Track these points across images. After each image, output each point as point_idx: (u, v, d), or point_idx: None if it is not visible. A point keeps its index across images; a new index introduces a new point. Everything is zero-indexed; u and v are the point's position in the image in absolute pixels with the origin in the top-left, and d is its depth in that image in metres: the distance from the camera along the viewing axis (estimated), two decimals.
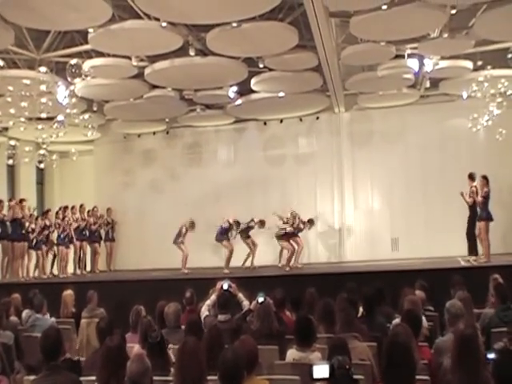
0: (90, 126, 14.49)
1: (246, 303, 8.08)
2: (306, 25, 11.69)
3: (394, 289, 8.65)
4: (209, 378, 4.78)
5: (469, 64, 14.12)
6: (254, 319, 7.40)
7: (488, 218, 13.68)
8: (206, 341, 5.51)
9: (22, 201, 16.27)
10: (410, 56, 13.77)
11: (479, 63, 14.03)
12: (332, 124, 18.26)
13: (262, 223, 16.29)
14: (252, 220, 16.27)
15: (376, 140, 17.82)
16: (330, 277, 12.80)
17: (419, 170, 17.03)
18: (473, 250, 13.99)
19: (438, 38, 12.42)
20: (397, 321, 6.86)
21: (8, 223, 15.36)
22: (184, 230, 16.14)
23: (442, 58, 13.95)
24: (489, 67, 14.06)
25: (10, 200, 16.31)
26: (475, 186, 13.82)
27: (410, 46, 13.35)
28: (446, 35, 12.20)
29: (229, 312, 7.64)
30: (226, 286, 8.06)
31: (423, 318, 6.88)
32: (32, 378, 5.59)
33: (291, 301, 8.60)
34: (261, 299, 7.49)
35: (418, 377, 4.68)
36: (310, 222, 16.04)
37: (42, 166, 14.99)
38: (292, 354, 6.16)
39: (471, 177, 13.97)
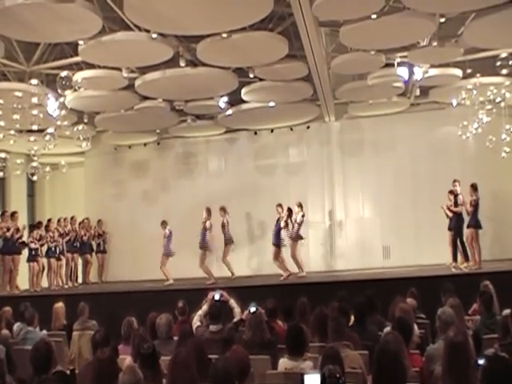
0: (82, 138, 14.51)
1: (237, 310, 8.09)
2: (296, 34, 11.72)
3: (386, 297, 8.65)
4: None
5: (458, 72, 14.18)
6: (245, 329, 7.40)
7: (477, 225, 13.78)
8: (190, 352, 5.50)
9: (14, 213, 16.22)
10: (399, 64, 13.82)
11: (468, 71, 14.08)
12: (322, 133, 18.31)
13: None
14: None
15: (366, 148, 17.87)
16: (321, 286, 12.82)
17: (409, 178, 17.10)
18: (455, 256, 14.21)
19: (427, 47, 12.48)
20: (388, 329, 6.87)
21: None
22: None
23: (432, 66, 14.02)
24: (478, 75, 14.12)
25: (3, 214, 16.22)
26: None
27: (400, 55, 13.41)
28: (435, 43, 12.26)
29: (220, 322, 7.65)
30: (217, 297, 8.07)
31: (415, 326, 6.90)
32: None
33: (283, 310, 8.60)
34: (252, 309, 7.51)
35: None
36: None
37: (34, 178, 14.92)
38: (284, 362, 6.16)
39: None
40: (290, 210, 15.63)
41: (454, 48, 12.74)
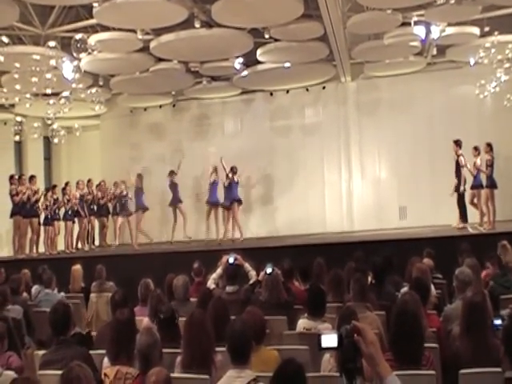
0: (96, 101, 14.50)
1: (252, 273, 8.12)
2: None
3: (402, 257, 8.67)
4: (217, 349, 4.82)
5: (476, 30, 13.96)
6: (262, 290, 7.44)
7: (493, 185, 13.73)
8: (210, 312, 5.55)
9: (31, 177, 16.32)
10: (416, 23, 13.61)
11: (486, 29, 13.86)
12: (338, 93, 18.15)
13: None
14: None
15: (383, 109, 17.71)
16: (337, 246, 12.82)
17: (426, 137, 16.95)
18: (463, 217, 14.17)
19: (444, 5, 12.25)
20: (405, 289, 6.89)
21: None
22: None
23: (449, 25, 13.78)
24: (496, 33, 13.87)
25: (20, 177, 16.28)
26: (462, 154, 13.93)
27: (417, 14, 13.20)
28: (452, 1, 12.04)
29: (237, 283, 7.69)
30: (231, 260, 8.08)
31: (431, 286, 6.91)
32: (42, 352, 5.67)
33: (299, 271, 8.64)
34: (269, 270, 7.53)
35: (426, 344, 4.72)
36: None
37: (55, 140, 14.94)
38: (303, 323, 6.22)
39: (457, 143, 14.02)
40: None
41: (472, 6, 12.51)
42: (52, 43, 12.28)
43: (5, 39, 11.77)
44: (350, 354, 2.56)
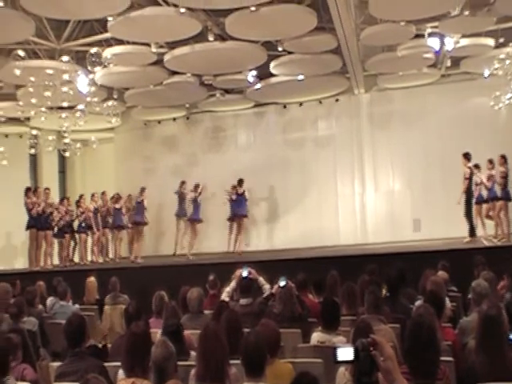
0: (111, 114, 14.59)
1: (267, 287, 8.09)
2: (324, 6, 11.60)
3: (416, 270, 8.61)
4: (231, 361, 4.81)
5: (490, 41, 13.95)
6: (276, 303, 7.42)
7: (507, 197, 13.67)
8: (223, 325, 5.54)
9: (46, 190, 16.41)
10: (430, 35, 13.63)
11: (501, 40, 13.86)
12: (352, 106, 18.16)
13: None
14: None
15: (396, 121, 17.70)
16: (351, 259, 12.77)
17: (440, 149, 16.87)
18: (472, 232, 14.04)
19: (458, 16, 12.27)
20: (419, 302, 6.85)
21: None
22: None
23: (463, 36, 13.80)
24: (511, 44, 13.87)
25: (36, 190, 16.36)
26: (470, 167, 13.84)
27: (431, 25, 13.21)
28: (466, 13, 12.06)
29: (250, 296, 7.68)
30: (245, 274, 8.04)
31: (446, 299, 6.87)
32: (57, 364, 5.68)
33: (313, 283, 8.61)
34: (282, 283, 7.50)
35: (441, 358, 4.68)
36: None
37: (67, 154, 15.12)
38: (317, 335, 6.19)
39: (466, 157, 13.95)
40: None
41: (486, 17, 12.50)
42: (65, 58, 12.39)
43: (21, 53, 11.88)
44: (366, 368, 2.55)
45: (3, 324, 7.65)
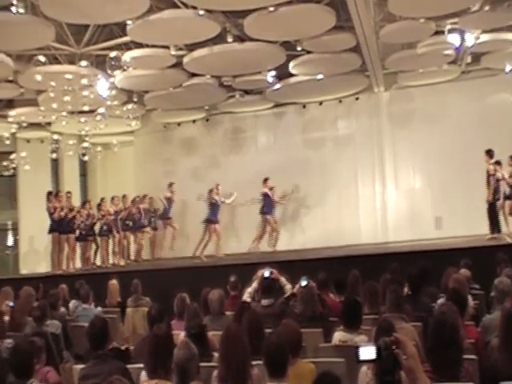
0: (131, 117, 14.69)
1: (288, 287, 8.09)
2: (343, 5, 11.57)
3: (438, 268, 8.56)
4: (253, 362, 4.82)
5: (511, 36, 13.82)
6: (297, 303, 7.42)
7: None
8: (245, 326, 5.55)
9: (67, 193, 16.53)
10: (450, 31, 13.51)
11: None
12: (372, 104, 18.07)
13: None
14: None
15: (417, 118, 17.58)
16: (372, 258, 12.69)
17: (461, 147, 16.71)
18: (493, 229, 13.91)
19: (479, 12, 12.17)
20: (442, 300, 6.81)
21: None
22: None
23: (484, 32, 13.68)
24: None
25: (57, 194, 16.48)
26: (493, 164, 13.73)
27: (451, 21, 13.09)
28: (487, 8, 11.95)
29: (272, 297, 7.68)
30: (267, 274, 8.05)
31: (469, 297, 6.82)
32: (80, 366, 5.72)
33: (334, 283, 8.60)
34: (304, 282, 7.50)
35: (464, 356, 4.64)
36: None
37: (85, 158, 15.28)
38: (338, 335, 6.18)
39: (489, 153, 13.83)
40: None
41: (507, 12, 12.35)
42: (84, 63, 12.50)
43: (42, 59, 12.00)
44: (389, 367, 2.54)
45: (27, 327, 7.75)
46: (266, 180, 16.63)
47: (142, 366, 5.05)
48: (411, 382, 2.49)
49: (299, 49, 13.76)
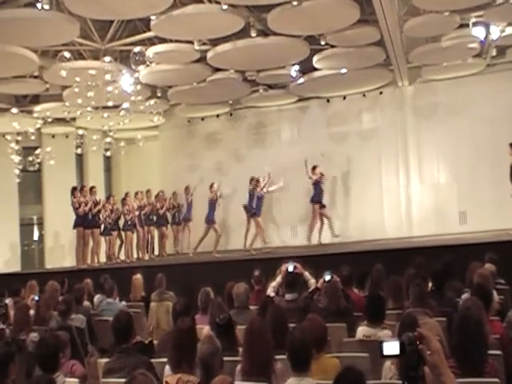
0: (155, 112, 14.75)
1: (312, 281, 8.08)
2: None
3: (463, 263, 8.50)
4: (277, 357, 4.83)
5: None
6: (321, 297, 7.42)
7: None
8: (269, 320, 5.56)
9: (92, 188, 16.64)
10: (475, 24, 13.40)
11: None
12: (396, 98, 17.96)
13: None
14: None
15: (441, 112, 17.44)
16: (396, 252, 12.63)
17: (487, 140, 16.53)
18: None
19: (504, 4, 12.03)
20: (466, 295, 6.77)
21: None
22: None
23: (509, 25, 13.53)
24: None
25: (82, 188, 16.59)
26: None
27: (475, 14, 12.98)
28: None
29: (296, 291, 7.68)
30: (291, 268, 8.04)
31: (494, 292, 6.77)
32: (105, 360, 5.77)
33: (358, 277, 8.58)
34: (327, 277, 7.51)
35: (489, 352, 4.62)
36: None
37: (108, 153, 15.38)
38: (362, 330, 6.18)
39: None
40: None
41: None
42: (108, 58, 12.58)
43: (67, 55, 12.10)
44: (413, 362, 2.54)
45: (52, 321, 7.84)
46: (314, 168, 16.42)
47: (166, 360, 5.09)
48: (435, 378, 2.48)
49: (323, 43, 13.71)
